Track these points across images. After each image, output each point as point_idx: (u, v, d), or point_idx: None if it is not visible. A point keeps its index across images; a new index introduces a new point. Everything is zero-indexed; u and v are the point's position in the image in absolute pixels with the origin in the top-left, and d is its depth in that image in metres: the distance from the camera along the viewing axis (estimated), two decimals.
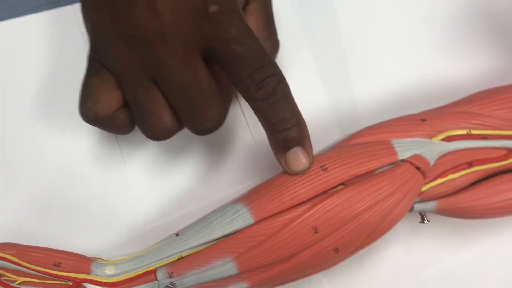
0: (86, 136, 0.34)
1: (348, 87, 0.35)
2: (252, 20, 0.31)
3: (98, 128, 0.30)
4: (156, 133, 0.29)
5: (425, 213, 0.30)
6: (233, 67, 0.27)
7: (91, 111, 0.28)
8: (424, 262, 0.34)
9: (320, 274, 0.33)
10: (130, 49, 0.27)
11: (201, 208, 0.34)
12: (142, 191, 0.34)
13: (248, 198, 0.28)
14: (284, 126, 0.27)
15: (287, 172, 0.28)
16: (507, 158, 0.30)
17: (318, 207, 0.27)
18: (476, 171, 0.29)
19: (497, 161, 0.30)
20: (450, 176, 0.29)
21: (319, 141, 0.31)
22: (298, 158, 0.27)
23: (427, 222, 0.30)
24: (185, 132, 0.30)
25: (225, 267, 0.28)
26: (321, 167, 0.28)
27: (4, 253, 0.28)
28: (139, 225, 0.33)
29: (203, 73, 0.28)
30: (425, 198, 0.29)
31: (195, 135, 0.30)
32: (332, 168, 0.27)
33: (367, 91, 0.35)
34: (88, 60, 0.28)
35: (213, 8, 0.27)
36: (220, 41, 0.27)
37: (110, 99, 0.28)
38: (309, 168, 0.28)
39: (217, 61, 0.28)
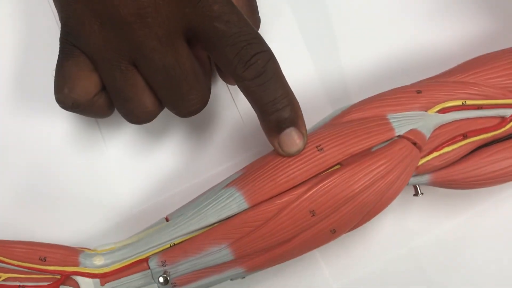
0: (63, 119, 0.32)
1: (336, 57, 0.34)
2: None
3: None
4: (138, 118, 0.28)
5: (419, 186, 0.30)
6: (218, 46, 0.26)
7: (68, 98, 0.26)
8: (415, 232, 0.33)
9: None
10: (106, 31, 0.25)
11: (189, 188, 0.33)
12: (126, 173, 0.32)
13: (241, 181, 0.27)
14: (276, 106, 0.26)
15: (281, 154, 0.27)
16: (500, 127, 0.30)
17: (315, 189, 0.26)
18: (471, 142, 0.29)
19: (491, 131, 0.29)
20: (445, 149, 0.28)
21: (309, 115, 0.29)
22: (292, 140, 0.26)
23: (420, 195, 0.30)
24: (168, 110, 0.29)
25: (221, 253, 0.27)
26: (317, 147, 0.27)
27: None
28: (126, 209, 0.32)
29: (186, 55, 0.26)
30: (420, 172, 0.29)
31: None
32: (328, 148, 0.26)
33: (355, 61, 0.34)
34: (60, 42, 0.26)
35: None
36: (203, 20, 0.25)
37: (88, 84, 0.26)
38: (303, 148, 0.27)
39: (200, 41, 0.26)
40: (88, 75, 0.26)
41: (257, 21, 0.30)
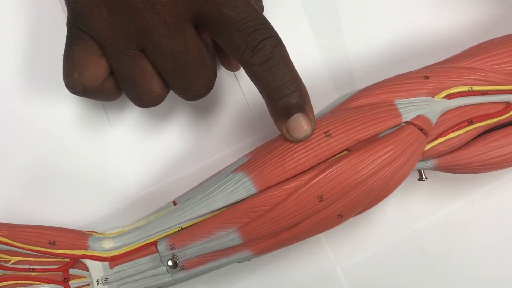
0: (68, 103, 0.32)
1: (342, 43, 0.34)
2: None
3: None
4: (146, 102, 0.28)
5: (423, 171, 0.30)
6: (226, 32, 0.25)
7: (78, 83, 0.26)
8: (418, 215, 0.34)
9: None
10: (114, 17, 0.25)
11: (196, 171, 0.33)
12: (133, 156, 0.32)
13: (249, 166, 0.27)
14: (284, 92, 0.26)
15: (289, 140, 0.27)
16: (505, 113, 0.30)
17: (323, 175, 0.26)
18: (476, 128, 0.29)
19: (495, 117, 0.30)
20: (451, 135, 0.29)
21: (315, 100, 0.29)
22: (300, 125, 0.26)
23: (425, 180, 0.30)
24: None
25: (229, 237, 0.27)
26: (325, 133, 0.27)
27: None
28: (132, 192, 0.32)
29: (194, 41, 0.26)
30: (425, 157, 0.29)
31: None
32: (336, 134, 0.27)
33: (361, 47, 0.34)
34: (68, 27, 0.26)
35: None
36: (211, 5, 0.25)
37: (97, 69, 0.26)
38: (311, 134, 0.27)
39: (208, 27, 0.26)
40: (97, 59, 0.26)
41: (261, 8, 0.30)
